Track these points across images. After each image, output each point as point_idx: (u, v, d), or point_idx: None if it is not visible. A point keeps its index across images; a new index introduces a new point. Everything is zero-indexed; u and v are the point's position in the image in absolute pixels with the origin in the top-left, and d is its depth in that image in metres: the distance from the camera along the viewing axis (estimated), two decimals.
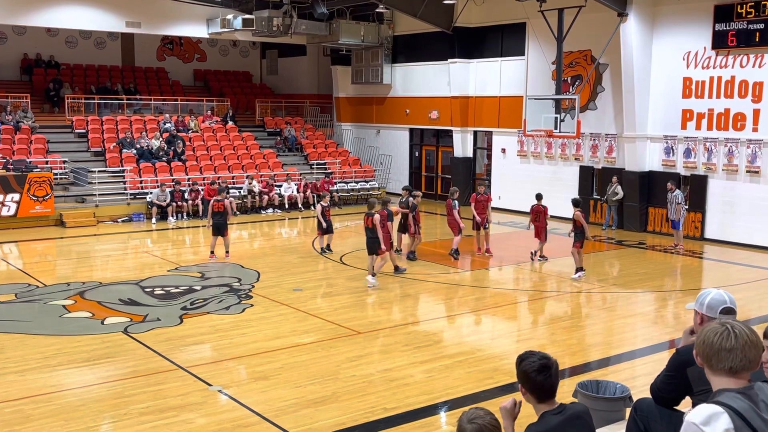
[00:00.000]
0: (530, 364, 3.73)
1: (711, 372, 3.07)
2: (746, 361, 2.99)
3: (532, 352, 3.82)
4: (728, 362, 2.99)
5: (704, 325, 3.16)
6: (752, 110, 18.53)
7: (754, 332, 3.05)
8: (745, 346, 2.98)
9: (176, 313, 11.86)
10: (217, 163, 25.30)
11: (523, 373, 3.75)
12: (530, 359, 3.76)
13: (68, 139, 25.16)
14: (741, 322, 3.14)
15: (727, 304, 4.32)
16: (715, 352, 3.02)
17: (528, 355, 3.80)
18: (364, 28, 27.40)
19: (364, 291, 13.60)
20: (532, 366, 3.72)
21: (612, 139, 21.77)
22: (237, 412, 7.85)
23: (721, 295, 4.37)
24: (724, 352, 2.99)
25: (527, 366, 3.74)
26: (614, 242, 19.45)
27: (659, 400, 4.57)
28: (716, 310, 4.31)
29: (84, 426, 7.45)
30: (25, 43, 29.07)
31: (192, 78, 33.59)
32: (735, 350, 2.98)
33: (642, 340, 11.11)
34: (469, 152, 26.44)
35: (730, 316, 4.23)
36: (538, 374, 3.71)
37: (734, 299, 4.40)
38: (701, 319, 4.38)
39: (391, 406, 8.01)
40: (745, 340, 2.99)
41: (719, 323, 3.08)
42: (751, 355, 2.99)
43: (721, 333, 3.02)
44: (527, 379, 3.74)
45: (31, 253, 18.20)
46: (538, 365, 3.72)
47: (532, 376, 3.71)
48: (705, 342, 3.06)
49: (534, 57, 23.49)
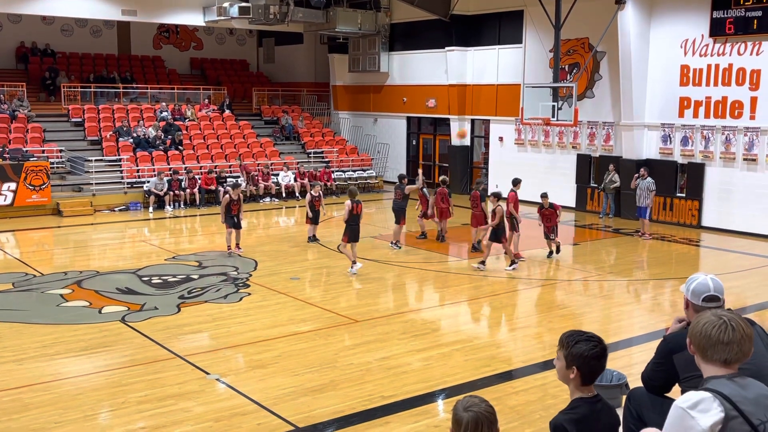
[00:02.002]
0: (591, 349, 3.57)
1: (703, 361, 3.12)
2: (741, 354, 3.06)
3: (588, 335, 3.65)
4: (724, 354, 3.05)
5: (699, 316, 3.19)
6: (749, 98, 18.51)
7: (748, 325, 3.12)
8: (741, 340, 3.05)
9: (174, 302, 11.85)
10: (214, 151, 25.25)
11: (580, 356, 3.58)
12: (589, 343, 3.59)
13: (65, 128, 25.08)
14: (735, 311, 3.20)
15: (711, 292, 4.31)
16: (713, 344, 3.07)
17: (584, 338, 3.62)
18: (361, 16, 27.30)
19: (362, 280, 13.61)
20: (593, 352, 3.57)
21: (609, 127, 21.75)
22: (235, 401, 7.87)
23: (707, 282, 4.35)
24: (721, 345, 3.05)
25: (586, 350, 3.58)
26: (611, 230, 19.47)
27: (650, 387, 4.61)
28: (700, 298, 4.32)
29: (82, 414, 7.46)
30: (21, 32, 28.93)
31: (188, 66, 33.48)
32: (732, 344, 3.04)
33: (639, 327, 11.14)
34: (467, 140, 26.40)
35: (714, 304, 4.25)
36: (597, 360, 3.59)
37: (722, 286, 4.38)
38: (687, 303, 4.42)
39: (389, 394, 8.03)
40: (741, 334, 3.05)
41: (715, 315, 3.12)
42: (746, 348, 3.07)
43: (719, 326, 3.07)
44: (583, 363, 3.58)
45: (28, 242, 18.17)
46: (599, 351, 3.59)
47: (592, 362, 3.58)
48: (702, 333, 3.10)
49: (531, 45, 23.43)
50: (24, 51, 28.91)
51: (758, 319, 10.70)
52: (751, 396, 3.00)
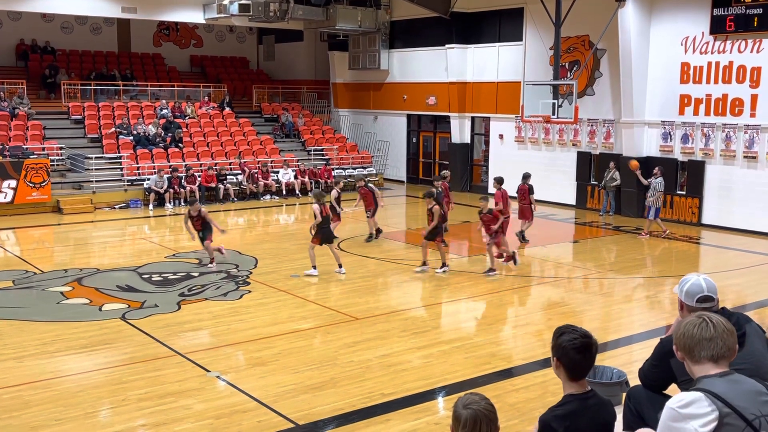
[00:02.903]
0: (571, 340, 3.56)
1: (693, 362, 3.18)
2: (726, 348, 3.11)
3: (574, 328, 3.64)
4: (710, 350, 3.11)
5: (682, 320, 3.25)
6: (750, 95, 18.49)
7: (729, 322, 3.18)
8: (723, 334, 3.12)
9: (174, 299, 11.86)
10: (214, 149, 25.24)
11: (562, 348, 3.58)
12: (571, 335, 3.58)
13: (65, 126, 25.09)
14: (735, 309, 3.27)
15: (704, 292, 4.31)
16: (696, 342, 3.14)
17: (569, 330, 3.62)
18: (361, 14, 27.27)
19: (362, 277, 13.62)
20: (573, 343, 3.55)
21: (610, 124, 21.74)
22: (235, 398, 7.87)
23: (700, 282, 4.34)
24: (705, 342, 3.12)
25: (567, 342, 3.57)
26: (611, 228, 19.47)
27: (647, 386, 4.64)
28: (694, 298, 4.32)
29: (83, 412, 7.47)
30: (21, 29, 28.92)
31: (188, 64, 33.47)
32: (715, 339, 3.11)
33: (639, 325, 11.15)
34: (467, 138, 26.40)
35: (708, 304, 4.25)
36: (577, 353, 3.56)
37: (715, 286, 4.37)
38: (681, 305, 4.42)
39: (389, 392, 8.03)
40: (722, 328, 3.13)
41: (695, 316, 3.19)
42: (730, 342, 3.13)
43: (699, 324, 3.15)
44: (564, 355, 3.57)
45: (29, 239, 18.17)
46: (580, 343, 3.56)
47: (571, 353, 3.56)
48: (685, 335, 3.18)
49: (532, 42, 23.42)
50: (24, 48, 28.90)
51: (758, 317, 10.71)
52: (744, 392, 3.02)
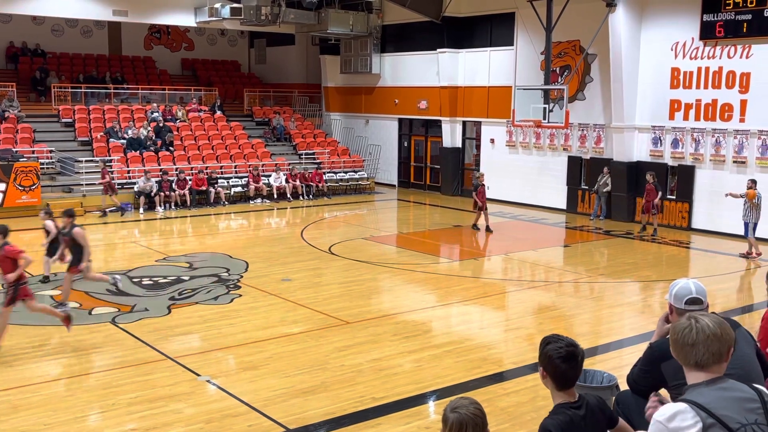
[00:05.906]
0: (556, 349, 3.53)
1: (685, 369, 3.11)
2: (709, 354, 2.99)
3: (560, 337, 3.61)
4: (692, 357, 3.02)
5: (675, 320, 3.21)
6: (739, 101, 18.61)
7: (721, 324, 3.03)
8: (707, 341, 2.98)
9: (164, 303, 11.82)
10: (205, 152, 25.19)
11: (547, 357, 3.55)
12: (557, 344, 3.55)
13: (55, 129, 24.97)
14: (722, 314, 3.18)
15: (692, 295, 4.35)
16: (680, 348, 3.05)
17: (554, 339, 3.59)
18: (352, 18, 27.31)
19: (353, 281, 13.61)
20: (558, 352, 3.52)
21: (600, 129, 21.81)
22: (226, 402, 7.85)
23: (688, 285, 4.39)
24: (687, 348, 3.02)
25: (553, 351, 3.54)
26: (602, 232, 19.53)
27: (636, 391, 4.65)
28: (682, 301, 4.35)
29: (72, 416, 7.43)
30: (11, 31, 28.80)
31: (180, 67, 33.40)
32: (697, 345, 3.00)
33: (629, 329, 11.18)
34: (458, 142, 26.45)
35: (697, 306, 4.26)
36: (563, 362, 3.53)
37: (704, 289, 4.41)
38: (671, 309, 4.45)
39: (381, 396, 8.03)
40: (707, 334, 2.98)
41: (686, 318, 3.09)
42: (714, 348, 2.99)
43: (682, 330, 3.05)
44: (550, 364, 3.54)
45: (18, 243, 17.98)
46: (565, 352, 3.52)
47: (556, 362, 3.52)
48: (673, 339, 3.10)
49: (523, 47, 23.49)
50: (14, 51, 28.78)
51: (747, 321, 10.76)
52: (731, 399, 2.96)
